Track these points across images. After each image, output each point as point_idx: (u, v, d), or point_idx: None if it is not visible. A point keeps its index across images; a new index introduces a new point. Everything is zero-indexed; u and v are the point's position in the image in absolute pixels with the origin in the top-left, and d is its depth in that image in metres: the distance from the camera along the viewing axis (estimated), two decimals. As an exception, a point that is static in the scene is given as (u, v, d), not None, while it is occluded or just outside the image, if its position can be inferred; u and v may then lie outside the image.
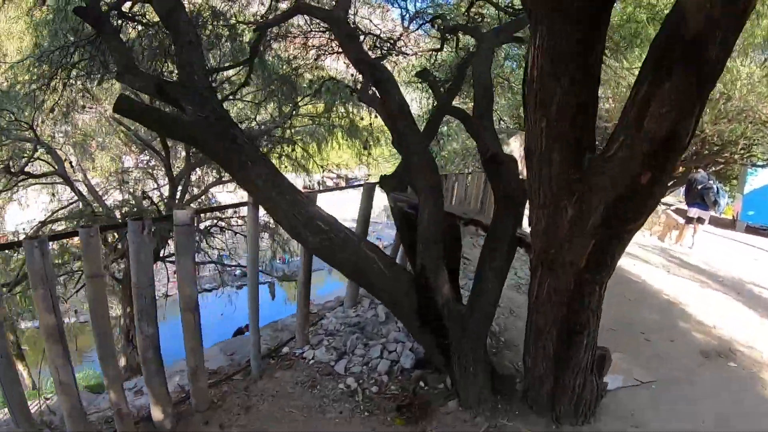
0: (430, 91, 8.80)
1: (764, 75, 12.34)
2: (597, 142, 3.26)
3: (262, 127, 11.52)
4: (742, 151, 16.52)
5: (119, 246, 9.77)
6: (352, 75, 10.03)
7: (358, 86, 8.53)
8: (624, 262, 9.48)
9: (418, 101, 11.87)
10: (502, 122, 13.20)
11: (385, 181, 4.98)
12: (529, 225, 3.53)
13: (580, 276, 3.48)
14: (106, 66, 6.46)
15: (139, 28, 6.68)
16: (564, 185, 3.30)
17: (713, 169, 18.75)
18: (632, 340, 6.00)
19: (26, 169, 9.94)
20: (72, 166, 11.35)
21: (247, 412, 3.92)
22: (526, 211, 3.70)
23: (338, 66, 12.08)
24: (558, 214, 3.39)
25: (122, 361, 10.31)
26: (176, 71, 5.18)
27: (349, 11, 7.05)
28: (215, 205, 12.15)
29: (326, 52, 9.29)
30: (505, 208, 3.94)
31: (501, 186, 4.04)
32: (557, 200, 3.36)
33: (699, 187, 11.59)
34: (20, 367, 10.81)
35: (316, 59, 9.48)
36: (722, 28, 2.34)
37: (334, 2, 6.31)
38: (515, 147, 9.10)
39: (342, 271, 4.12)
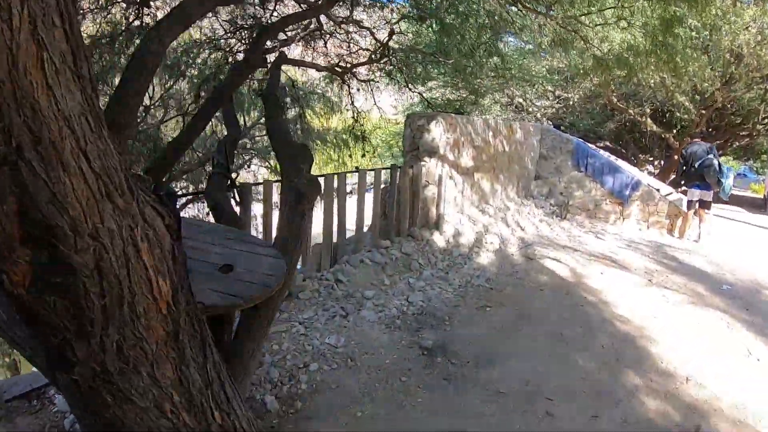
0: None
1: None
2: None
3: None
4: (766, 121, 13.33)
5: None
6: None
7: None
8: (590, 271, 6.74)
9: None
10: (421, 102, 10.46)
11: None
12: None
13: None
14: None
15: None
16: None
17: (737, 144, 15.53)
18: (524, 416, 3.42)
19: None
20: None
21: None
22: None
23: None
24: None
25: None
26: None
27: None
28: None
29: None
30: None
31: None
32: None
33: (697, 163, 8.68)
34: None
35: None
36: None
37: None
38: (437, 134, 6.47)
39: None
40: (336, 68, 7.05)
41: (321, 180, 5.58)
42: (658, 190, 10.32)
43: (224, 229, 3.15)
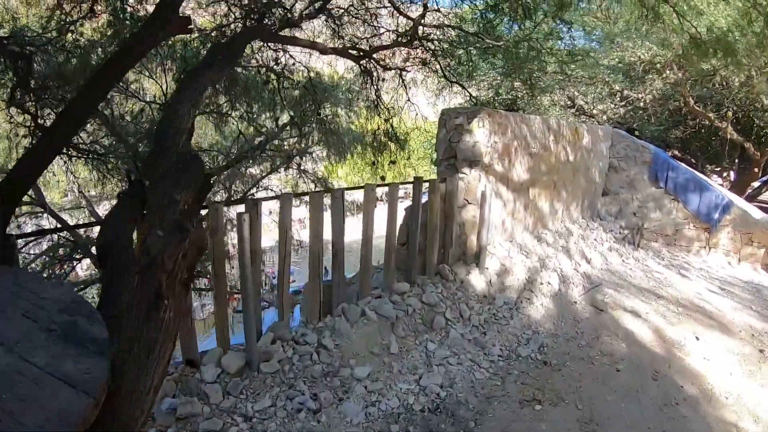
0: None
1: None
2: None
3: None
4: None
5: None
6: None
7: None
8: (681, 333, 4.81)
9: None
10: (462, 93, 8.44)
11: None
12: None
13: None
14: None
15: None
16: None
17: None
18: None
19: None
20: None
21: None
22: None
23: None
24: None
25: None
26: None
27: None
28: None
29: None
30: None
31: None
32: None
33: None
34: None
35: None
36: None
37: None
38: (481, 136, 4.64)
39: None
40: (350, 51, 5.27)
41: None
42: None
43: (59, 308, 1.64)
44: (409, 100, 6.90)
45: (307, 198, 4.16)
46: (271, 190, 11.73)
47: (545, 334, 4.54)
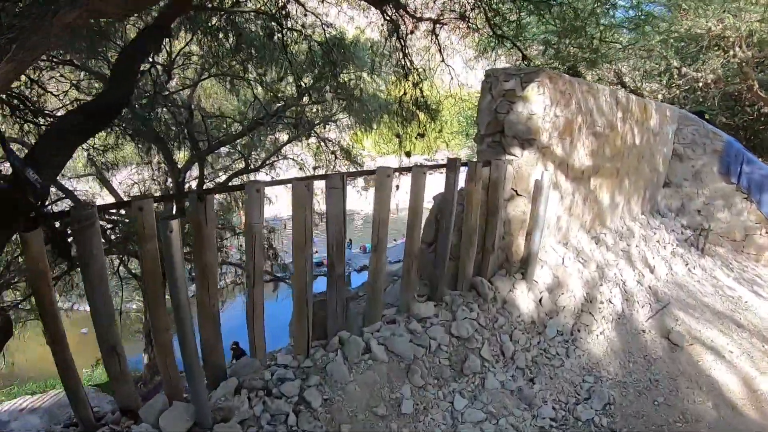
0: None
1: None
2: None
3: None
4: None
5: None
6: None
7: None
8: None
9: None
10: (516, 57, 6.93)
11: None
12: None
13: None
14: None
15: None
16: None
17: None
18: None
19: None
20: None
21: None
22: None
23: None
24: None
25: (144, 360, 10.73)
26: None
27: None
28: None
29: None
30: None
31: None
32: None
33: None
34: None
35: None
36: None
37: None
38: (539, 106, 3.28)
39: None
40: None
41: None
42: None
43: None
44: (443, 61, 5.56)
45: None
46: (293, 159, 10.77)
47: (610, 383, 3.31)
